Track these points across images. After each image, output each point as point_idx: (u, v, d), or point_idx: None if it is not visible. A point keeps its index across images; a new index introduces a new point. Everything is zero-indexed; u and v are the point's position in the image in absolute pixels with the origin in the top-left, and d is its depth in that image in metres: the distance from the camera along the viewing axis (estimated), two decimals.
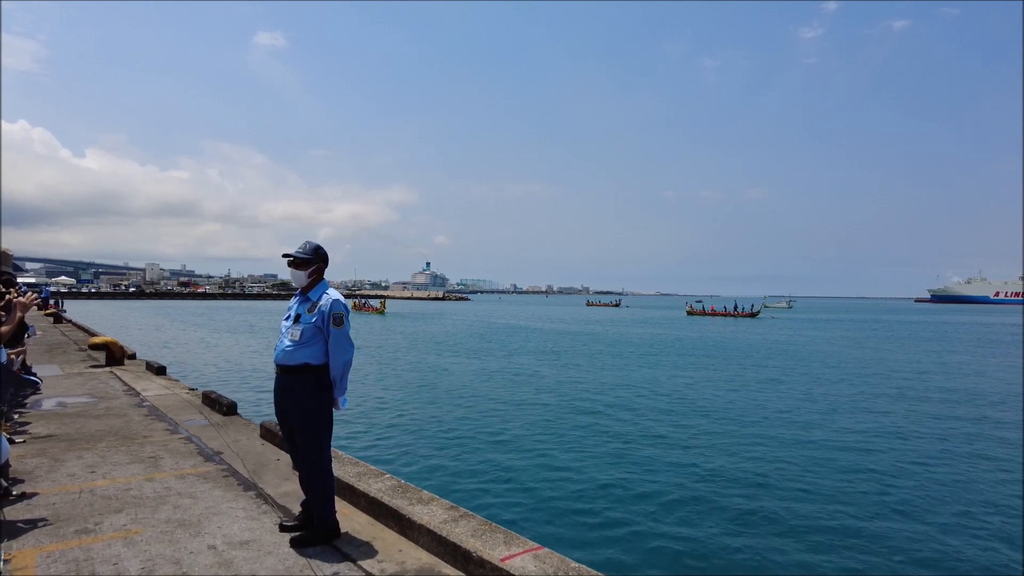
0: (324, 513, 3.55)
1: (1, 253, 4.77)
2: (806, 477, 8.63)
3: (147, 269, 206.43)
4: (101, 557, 3.30)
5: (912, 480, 8.70)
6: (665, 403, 14.34)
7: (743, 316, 63.85)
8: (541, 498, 7.52)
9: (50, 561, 3.24)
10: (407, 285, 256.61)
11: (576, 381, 17.77)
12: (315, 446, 3.51)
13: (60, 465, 4.99)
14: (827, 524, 6.93)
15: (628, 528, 6.64)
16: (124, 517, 3.88)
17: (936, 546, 6.50)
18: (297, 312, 3.54)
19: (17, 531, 3.60)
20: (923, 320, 72.17)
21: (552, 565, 3.05)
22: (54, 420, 6.66)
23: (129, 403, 7.81)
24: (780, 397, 15.45)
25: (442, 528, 3.47)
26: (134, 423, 6.67)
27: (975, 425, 12.52)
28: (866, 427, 12.04)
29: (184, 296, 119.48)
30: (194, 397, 8.30)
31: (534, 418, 12.33)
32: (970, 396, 16.32)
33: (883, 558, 6.13)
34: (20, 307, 3.92)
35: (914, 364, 24.02)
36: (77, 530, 3.66)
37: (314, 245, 3.63)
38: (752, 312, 65.21)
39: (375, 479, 4.35)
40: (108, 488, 4.45)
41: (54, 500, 4.16)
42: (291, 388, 3.48)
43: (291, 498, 4.29)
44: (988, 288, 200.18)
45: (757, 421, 12.45)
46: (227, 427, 6.54)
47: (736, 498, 7.69)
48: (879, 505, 7.63)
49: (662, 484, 8.19)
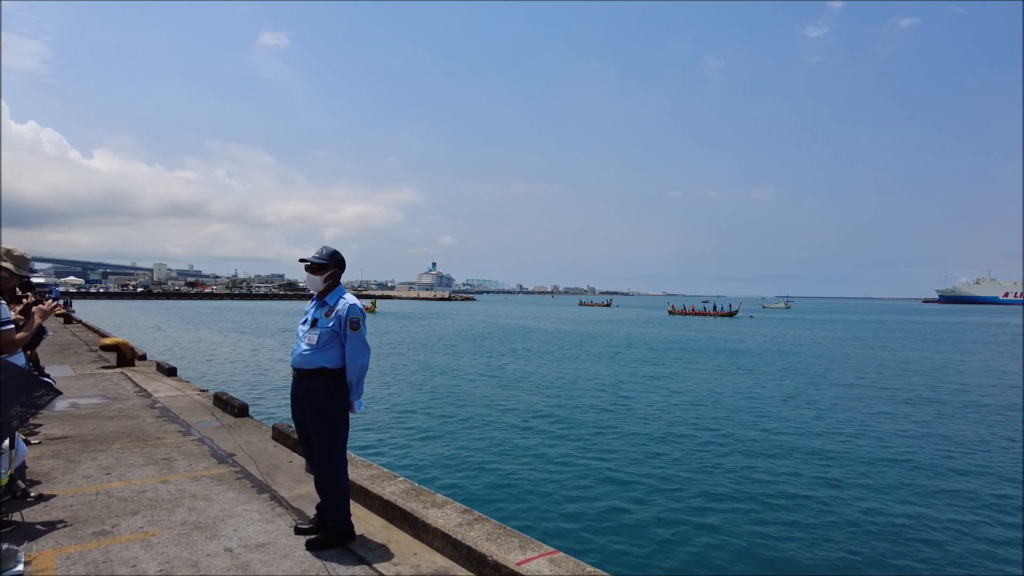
0: (339, 516, 3.57)
1: (19, 256, 4.79)
2: (799, 470, 8.63)
3: (155, 269, 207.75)
4: (119, 559, 3.33)
5: (890, 476, 8.68)
6: (679, 403, 14.31)
7: (721, 315, 67.00)
8: (555, 502, 7.52)
9: (70, 563, 3.27)
10: (413, 285, 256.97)
11: (586, 382, 17.76)
12: (331, 449, 3.53)
13: (76, 467, 5.04)
14: (846, 523, 6.93)
15: (643, 532, 6.64)
16: (141, 519, 3.91)
17: (936, 545, 6.49)
18: (314, 317, 3.56)
19: (36, 533, 3.64)
20: (918, 320, 73.57)
21: (567, 569, 3.06)
22: (68, 421, 6.72)
23: (141, 404, 7.87)
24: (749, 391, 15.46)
25: (457, 532, 3.48)
26: (147, 424, 6.72)
27: (938, 422, 12.47)
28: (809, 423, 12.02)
29: (191, 296, 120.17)
30: (205, 398, 8.34)
31: (547, 421, 12.33)
32: (929, 392, 16.73)
33: (883, 558, 6.14)
34: (40, 314, 3.95)
35: (866, 360, 25.16)
36: (95, 532, 3.69)
37: (331, 250, 3.65)
38: (730, 312, 68.13)
39: (389, 482, 4.37)
40: (124, 490, 4.49)
41: (71, 502, 4.20)
42: (308, 392, 3.50)
43: (305, 500, 4.31)
44: (997, 288, 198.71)
45: (778, 427, 12.42)
46: (239, 429, 6.57)
47: (749, 501, 7.68)
48: (875, 504, 7.62)
49: (678, 487, 8.17)
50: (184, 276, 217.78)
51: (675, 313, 74.70)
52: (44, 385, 3.74)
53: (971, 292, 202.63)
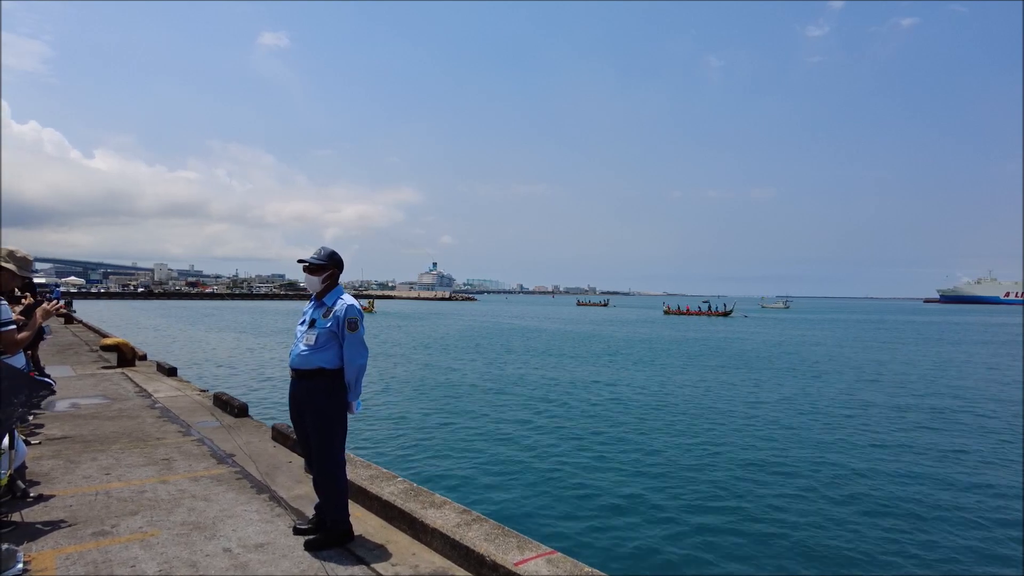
0: (338, 516, 3.58)
1: (22, 258, 4.81)
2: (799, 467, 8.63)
3: (155, 269, 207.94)
4: (119, 559, 3.34)
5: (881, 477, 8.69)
6: (676, 404, 14.32)
7: (716, 315, 67.96)
8: (554, 502, 7.53)
9: (69, 563, 3.28)
10: (414, 285, 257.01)
11: (583, 382, 17.77)
12: (329, 449, 3.54)
13: (76, 467, 5.05)
14: (844, 522, 6.93)
15: (642, 533, 6.65)
16: (140, 519, 3.92)
17: (935, 545, 6.48)
18: (312, 317, 3.58)
19: (36, 533, 3.65)
20: (917, 320, 73.87)
21: (565, 570, 3.06)
22: (68, 422, 6.73)
23: (141, 404, 7.88)
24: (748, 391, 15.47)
25: (455, 532, 3.49)
26: (147, 425, 6.73)
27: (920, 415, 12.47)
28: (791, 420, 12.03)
29: (192, 296, 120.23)
30: (205, 399, 8.36)
31: (545, 420, 12.34)
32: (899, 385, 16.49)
33: (882, 558, 6.13)
34: (42, 314, 3.96)
35: (864, 360, 25.26)
36: (94, 532, 3.70)
37: (329, 251, 3.66)
38: (725, 312, 69.02)
39: (387, 482, 4.38)
40: (123, 490, 4.50)
41: (71, 502, 4.21)
42: (306, 392, 3.51)
43: (304, 501, 4.32)
44: (998, 288, 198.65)
45: (768, 423, 12.43)
46: (239, 429, 6.58)
47: (746, 501, 7.68)
48: (871, 504, 7.62)
49: (676, 488, 8.18)
50: (185, 276, 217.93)
51: (671, 313, 75.44)
52: (43, 385, 3.75)
53: (972, 292, 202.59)
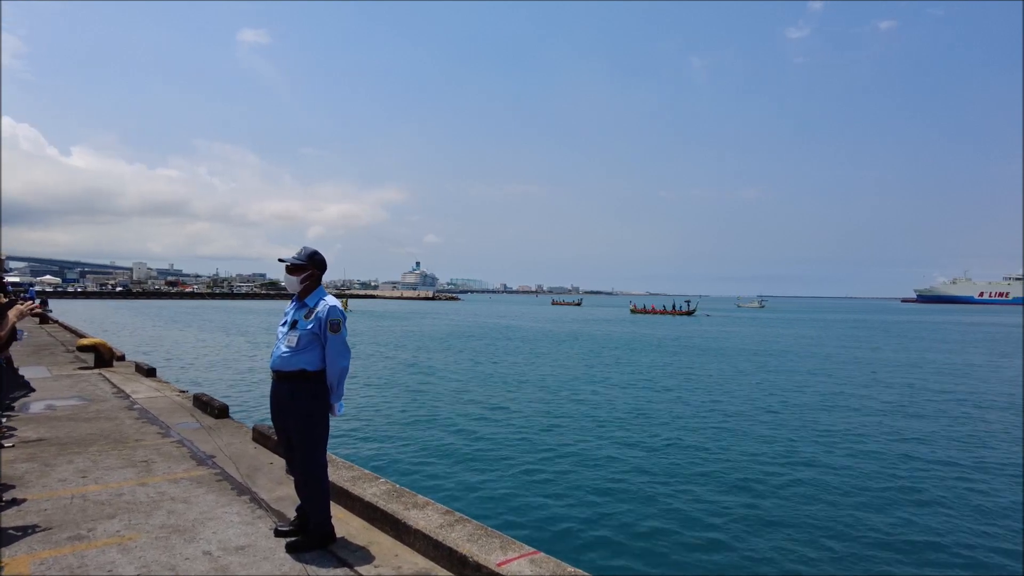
0: (320, 518, 3.56)
1: None
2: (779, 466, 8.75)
3: (134, 268, 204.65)
4: (95, 564, 3.29)
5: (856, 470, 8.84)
6: (659, 402, 14.43)
7: (680, 314, 70.29)
8: (537, 502, 7.54)
9: (44, 568, 3.22)
10: (397, 285, 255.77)
11: (561, 382, 17.83)
12: (312, 451, 3.51)
13: (51, 470, 4.96)
14: (822, 520, 7.02)
15: (625, 532, 6.68)
16: (118, 523, 3.87)
17: (935, 546, 6.55)
18: (294, 318, 3.54)
19: (9, 538, 3.58)
20: (888, 319, 75.67)
21: (548, 570, 3.08)
22: (44, 423, 6.60)
23: (120, 406, 7.76)
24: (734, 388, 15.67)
25: (438, 533, 3.49)
26: (125, 426, 6.63)
27: None
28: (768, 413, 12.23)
29: (172, 296, 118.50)
30: (185, 399, 8.25)
31: (528, 421, 12.36)
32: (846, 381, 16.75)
33: (883, 557, 6.22)
34: (16, 314, 3.90)
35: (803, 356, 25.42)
36: (70, 536, 3.64)
37: (310, 251, 3.63)
38: (688, 311, 71.22)
39: (370, 483, 4.36)
40: (101, 493, 4.43)
41: (46, 506, 4.13)
42: (288, 394, 3.48)
43: (285, 503, 4.28)
44: (973, 288, 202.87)
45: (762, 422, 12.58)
46: (219, 430, 6.51)
47: (730, 498, 7.76)
48: (869, 504, 7.75)
49: (659, 487, 8.24)
50: (164, 275, 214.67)
51: (637, 312, 78.20)
52: (21, 384, 3.69)
53: (948, 292, 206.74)
